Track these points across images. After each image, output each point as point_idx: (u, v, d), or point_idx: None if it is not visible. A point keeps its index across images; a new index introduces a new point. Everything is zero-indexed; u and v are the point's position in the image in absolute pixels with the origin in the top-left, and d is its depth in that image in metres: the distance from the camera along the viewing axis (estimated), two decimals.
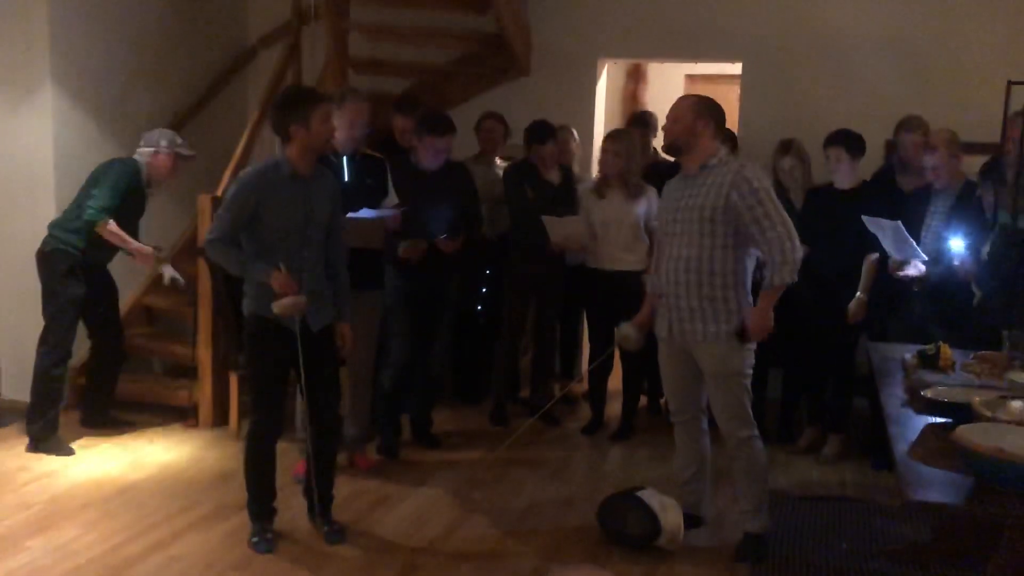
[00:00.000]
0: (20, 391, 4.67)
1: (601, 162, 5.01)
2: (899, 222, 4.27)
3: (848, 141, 4.69)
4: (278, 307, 3.49)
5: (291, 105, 3.58)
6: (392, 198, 4.45)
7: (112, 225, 4.59)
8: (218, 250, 3.62)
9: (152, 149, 4.77)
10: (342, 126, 4.08)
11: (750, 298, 3.66)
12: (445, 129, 4.60)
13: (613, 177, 4.97)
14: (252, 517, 3.77)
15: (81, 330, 4.80)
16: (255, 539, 3.73)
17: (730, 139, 4.99)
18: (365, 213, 4.15)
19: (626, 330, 3.99)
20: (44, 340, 4.63)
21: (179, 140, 4.87)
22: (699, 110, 3.63)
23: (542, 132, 5.09)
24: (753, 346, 3.65)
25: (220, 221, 3.62)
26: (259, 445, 3.72)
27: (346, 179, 4.21)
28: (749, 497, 3.73)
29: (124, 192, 4.64)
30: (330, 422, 3.84)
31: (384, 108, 5.25)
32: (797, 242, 3.51)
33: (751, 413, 3.70)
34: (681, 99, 3.80)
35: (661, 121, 6.07)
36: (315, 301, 3.65)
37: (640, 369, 5.23)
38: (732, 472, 3.77)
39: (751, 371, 3.68)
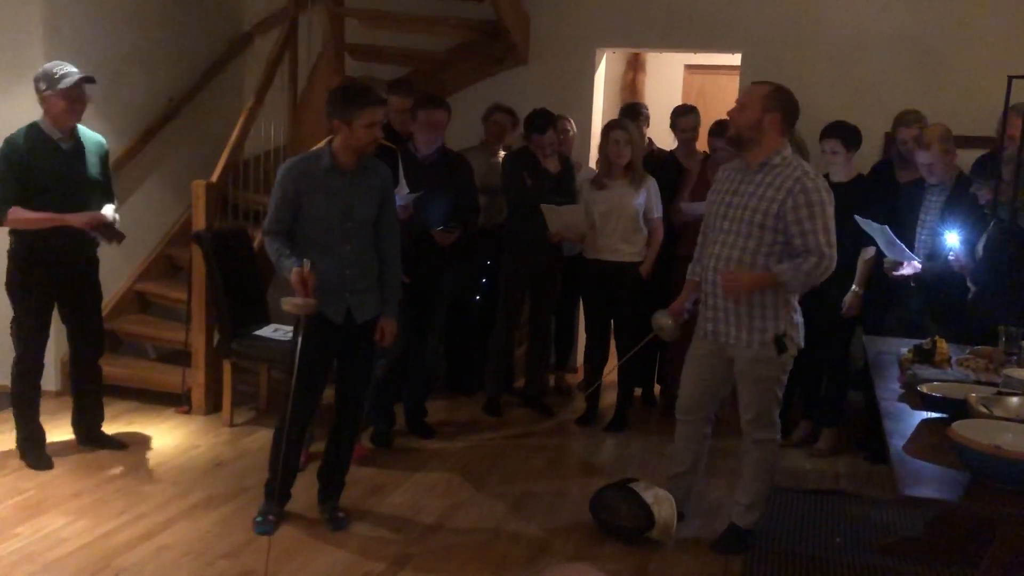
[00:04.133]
0: (8, 376, 4.62)
1: (610, 152, 4.94)
2: (886, 226, 4.25)
3: (844, 133, 4.68)
4: (287, 304, 3.46)
5: (340, 101, 3.53)
6: (403, 187, 4.43)
7: (17, 212, 4.02)
8: (267, 242, 3.62)
9: (38, 96, 4.11)
10: None
11: (795, 303, 3.55)
12: (437, 102, 4.62)
13: (621, 166, 4.94)
14: (266, 495, 3.81)
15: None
16: (259, 519, 3.76)
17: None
18: None
19: (661, 320, 3.90)
20: (15, 342, 4.28)
21: (58, 72, 4.08)
22: (768, 103, 3.42)
23: (542, 121, 5.06)
24: (792, 355, 3.56)
25: (269, 213, 3.63)
26: (291, 428, 3.70)
27: None
28: (748, 492, 3.71)
29: (17, 170, 4.04)
30: (353, 413, 3.86)
31: None
32: (831, 267, 3.40)
33: (776, 419, 3.65)
34: (754, 86, 3.56)
35: (655, 111, 6.12)
36: (361, 296, 3.66)
37: (635, 360, 5.20)
38: (739, 463, 3.76)
39: (786, 378, 3.61)
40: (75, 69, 4.15)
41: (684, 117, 5.40)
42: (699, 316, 3.72)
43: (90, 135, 4.33)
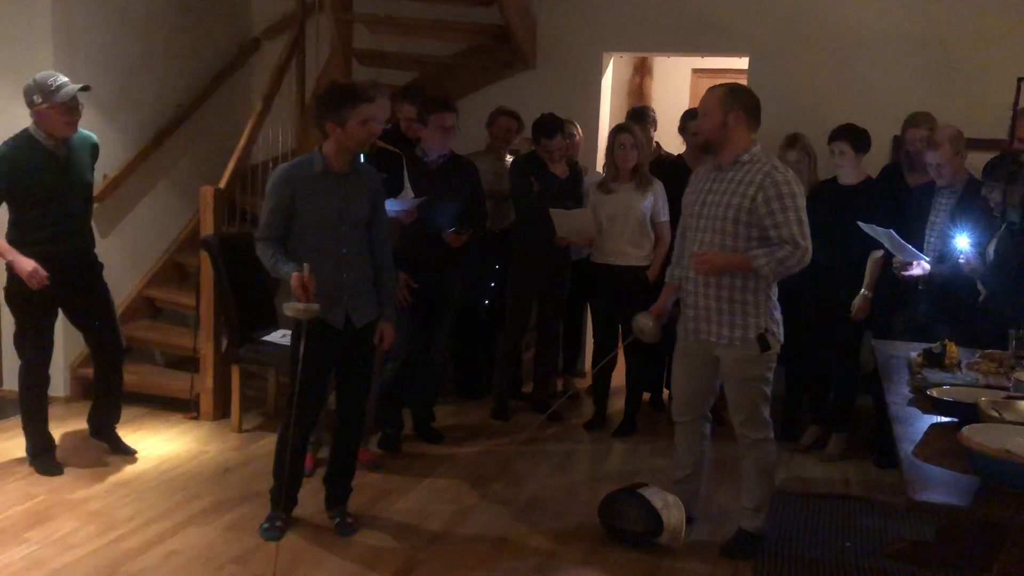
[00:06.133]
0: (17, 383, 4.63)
1: (617, 156, 4.94)
2: (891, 230, 4.24)
3: (852, 136, 4.67)
4: (289, 309, 3.45)
5: (330, 103, 3.53)
6: (408, 192, 4.44)
7: None
8: (259, 248, 3.62)
9: (31, 110, 4.05)
10: None
11: (775, 299, 3.57)
12: (447, 105, 4.62)
13: (628, 170, 4.94)
14: (272, 502, 3.80)
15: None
16: (265, 525, 3.76)
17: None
18: (386, 206, 4.12)
19: (642, 322, 3.92)
20: (20, 354, 4.27)
21: (52, 84, 4.00)
22: (728, 102, 3.47)
23: (550, 126, 5.06)
24: (775, 351, 3.56)
25: (262, 219, 3.63)
26: (294, 434, 3.68)
27: None
28: (752, 495, 3.72)
29: (5, 181, 4.01)
30: (356, 417, 3.86)
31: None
32: (806, 258, 3.40)
33: (767, 416, 3.65)
34: (710, 91, 3.59)
35: (662, 115, 6.11)
36: (358, 299, 3.65)
37: (643, 365, 5.20)
38: (741, 467, 3.75)
39: (771, 375, 3.61)
40: (67, 79, 4.10)
41: (695, 121, 5.38)
42: (681, 316, 3.75)
43: (81, 135, 4.25)
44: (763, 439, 3.65)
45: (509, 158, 5.48)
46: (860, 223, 4.33)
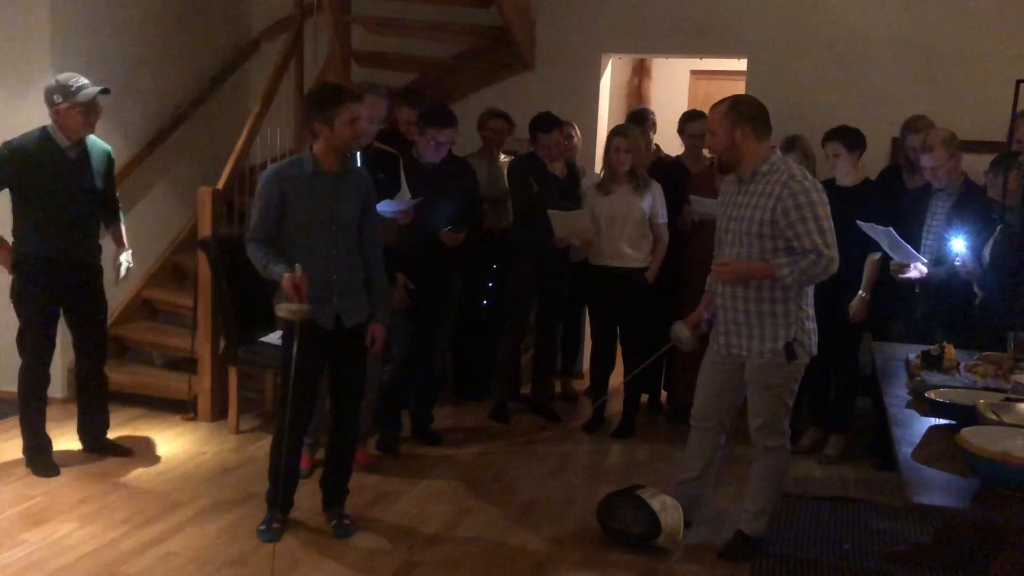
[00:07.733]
0: (16, 383, 4.63)
1: (613, 159, 4.95)
2: (891, 228, 4.23)
3: (844, 135, 4.67)
4: (281, 311, 3.45)
5: (318, 103, 3.55)
6: (404, 193, 4.44)
7: None
8: (250, 249, 3.62)
9: (50, 109, 4.12)
10: None
11: (810, 310, 3.54)
12: (446, 122, 4.58)
13: (623, 173, 4.93)
14: (268, 504, 3.80)
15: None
16: (262, 527, 3.75)
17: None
18: (381, 207, 4.12)
19: (679, 331, 3.89)
20: (21, 352, 4.29)
21: (74, 85, 4.09)
22: (732, 119, 3.42)
23: (547, 122, 5.05)
24: (804, 362, 3.55)
25: (252, 220, 3.63)
26: (288, 436, 3.68)
27: None
28: (757, 500, 3.70)
29: (12, 172, 4.08)
30: (350, 418, 3.85)
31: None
32: (831, 267, 3.37)
33: (786, 426, 3.63)
34: (713, 108, 3.53)
35: (661, 117, 6.11)
36: (348, 300, 3.65)
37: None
38: (746, 470, 3.73)
39: (796, 386, 3.59)
40: (87, 81, 4.17)
41: (693, 123, 5.39)
42: (713, 327, 3.72)
43: (97, 144, 4.33)
44: (777, 447, 3.63)
45: (504, 159, 5.48)
46: (859, 222, 4.33)
